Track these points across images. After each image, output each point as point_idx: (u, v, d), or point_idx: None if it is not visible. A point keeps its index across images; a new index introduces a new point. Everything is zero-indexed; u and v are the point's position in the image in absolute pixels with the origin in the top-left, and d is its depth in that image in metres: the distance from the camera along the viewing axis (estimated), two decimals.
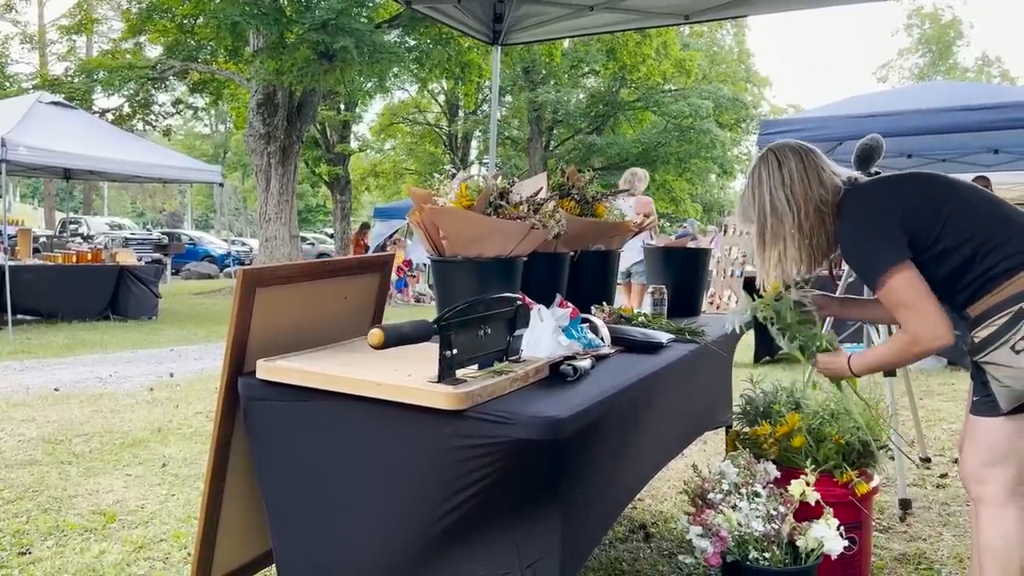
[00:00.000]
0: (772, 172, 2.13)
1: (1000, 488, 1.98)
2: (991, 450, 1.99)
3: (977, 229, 1.96)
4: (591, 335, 2.27)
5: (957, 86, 12.42)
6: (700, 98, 26.08)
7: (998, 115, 6.49)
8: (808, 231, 2.09)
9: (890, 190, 2.10)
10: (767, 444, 2.60)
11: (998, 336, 1.91)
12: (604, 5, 3.98)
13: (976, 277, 1.95)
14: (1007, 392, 1.91)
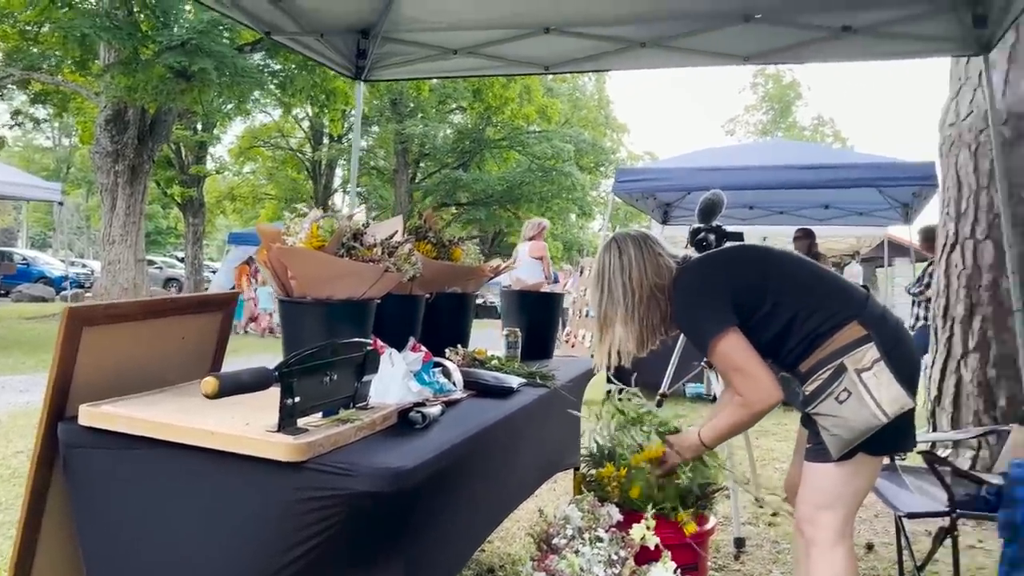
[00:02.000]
0: (612, 260, 2.27)
1: (831, 530, 2.11)
2: (824, 494, 2.13)
3: (796, 294, 2.15)
4: (443, 380, 2.27)
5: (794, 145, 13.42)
6: (562, 141, 26.89)
7: (829, 175, 7.04)
8: (643, 314, 2.25)
9: (715, 266, 2.29)
10: (611, 487, 2.66)
11: (823, 389, 2.06)
12: (467, 50, 4.05)
13: (803, 337, 2.12)
14: (835, 440, 2.05)
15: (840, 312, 2.10)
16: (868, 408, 1.98)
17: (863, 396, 1.99)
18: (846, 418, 2.00)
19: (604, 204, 28.35)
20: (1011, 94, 4.04)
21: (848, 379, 2.02)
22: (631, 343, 2.28)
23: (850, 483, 2.11)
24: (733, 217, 8.79)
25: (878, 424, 1.98)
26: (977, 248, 4.15)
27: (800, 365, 2.15)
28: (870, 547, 3.51)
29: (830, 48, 3.75)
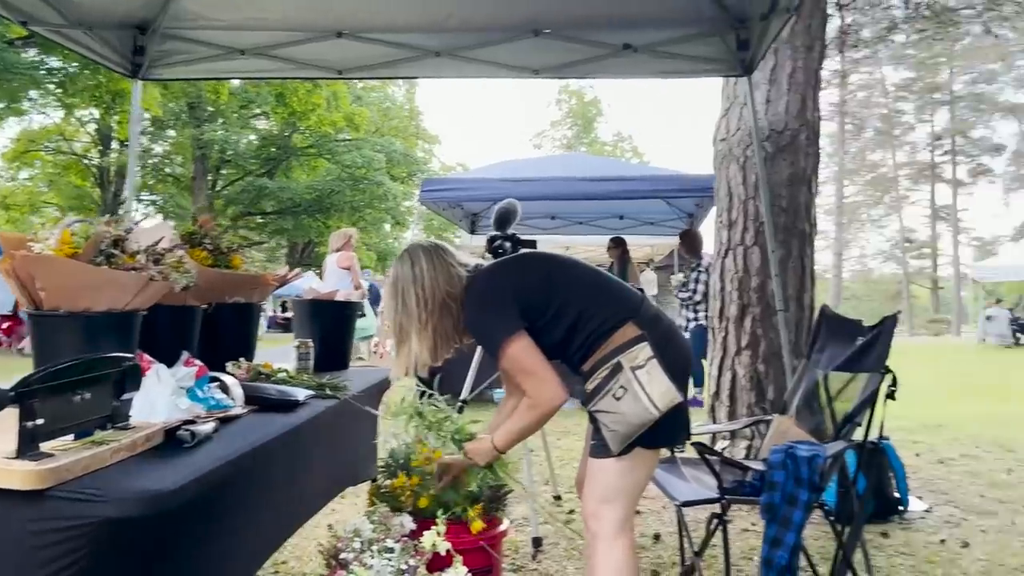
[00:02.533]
0: (405, 271, 2.29)
1: (613, 523, 2.21)
2: (605, 488, 2.22)
3: (579, 297, 2.25)
4: (220, 395, 2.14)
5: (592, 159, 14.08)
6: (373, 150, 26.59)
7: (620, 187, 7.46)
8: (436, 323, 2.27)
9: (502, 273, 2.36)
10: (404, 497, 2.63)
11: (602, 387, 2.15)
12: (256, 51, 3.89)
13: (586, 338, 2.22)
14: (614, 435, 2.14)
15: (618, 314, 2.22)
16: (642, 403, 2.09)
17: (637, 392, 2.10)
18: (623, 413, 2.10)
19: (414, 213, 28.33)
20: (771, 113, 4.45)
21: (624, 377, 2.12)
22: (425, 352, 2.30)
23: (629, 476, 2.21)
24: (536, 227, 9.08)
25: (651, 418, 2.09)
26: (746, 253, 4.52)
27: (583, 365, 2.24)
28: (657, 537, 3.70)
29: (613, 65, 3.95)
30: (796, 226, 4.48)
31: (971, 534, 3.69)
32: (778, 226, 4.35)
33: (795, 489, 2.49)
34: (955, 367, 15.23)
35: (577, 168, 8.40)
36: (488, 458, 2.38)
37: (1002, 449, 5.90)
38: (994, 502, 4.29)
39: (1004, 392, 10.20)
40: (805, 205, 4.51)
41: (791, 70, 4.45)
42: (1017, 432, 6.70)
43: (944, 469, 5.18)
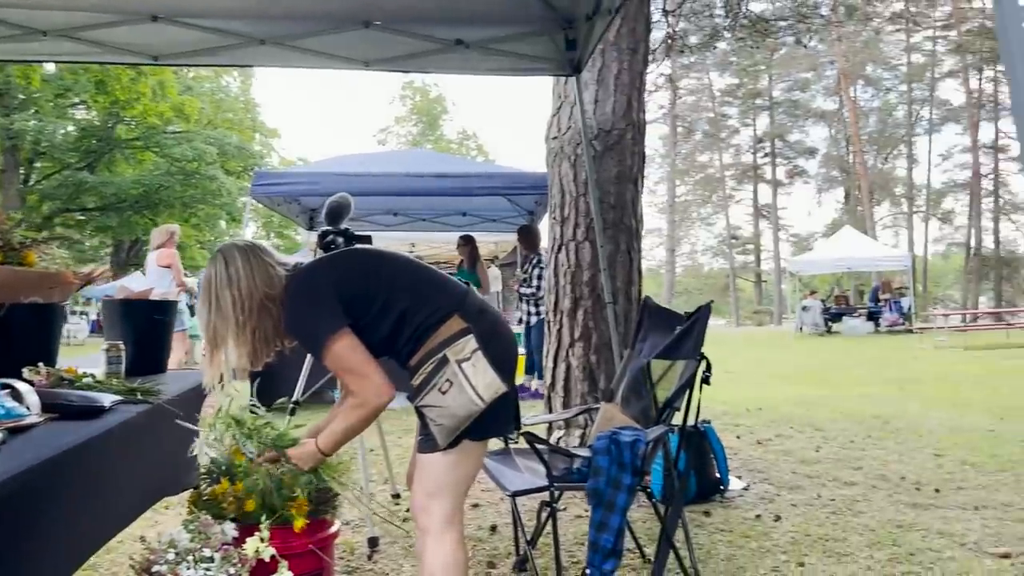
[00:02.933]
0: (220, 272, 2.18)
1: (441, 517, 2.20)
2: (433, 482, 2.21)
3: (404, 291, 2.24)
4: (11, 403, 1.96)
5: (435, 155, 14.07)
6: (205, 143, 25.34)
7: (461, 183, 7.50)
8: (255, 326, 2.20)
9: (323, 270, 2.29)
10: (227, 503, 2.52)
11: (428, 381, 2.15)
12: (59, 32, 3.59)
13: (412, 332, 2.21)
14: (441, 429, 2.14)
15: (443, 307, 2.22)
16: (467, 395, 2.10)
17: (463, 384, 2.11)
18: (449, 407, 2.11)
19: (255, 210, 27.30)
20: (599, 112, 4.61)
21: (450, 370, 2.13)
22: (244, 357, 2.23)
23: (457, 470, 2.22)
24: (377, 223, 8.98)
25: (477, 410, 2.11)
26: (578, 248, 4.65)
27: (411, 360, 2.23)
28: (494, 529, 3.74)
29: (445, 60, 3.96)
30: (624, 222, 4.66)
31: (783, 508, 3.98)
32: (607, 222, 4.51)
33: (619, 473, 2.58)
34: (775, 354, 16.41)
35: (419, 164, 8.38)
36: (313, 462, 2.33)
37: (812, 428, 6.40)
38: (803, 478, 4.64)
39: (816, 376, 11.07)
40: (632, 202, 4.70)
41: (617, 71, 4.62)
42: (826, 412, 7.30)
43: (761, 449, 5.56)
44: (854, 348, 17.07)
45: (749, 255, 50.35)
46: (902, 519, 3.72)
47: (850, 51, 40.40)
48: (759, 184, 47.94)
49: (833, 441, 5.80)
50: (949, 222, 45.07)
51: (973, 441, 5.62)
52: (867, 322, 22.70)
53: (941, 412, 7.12)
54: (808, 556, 3.25)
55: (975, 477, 4.54)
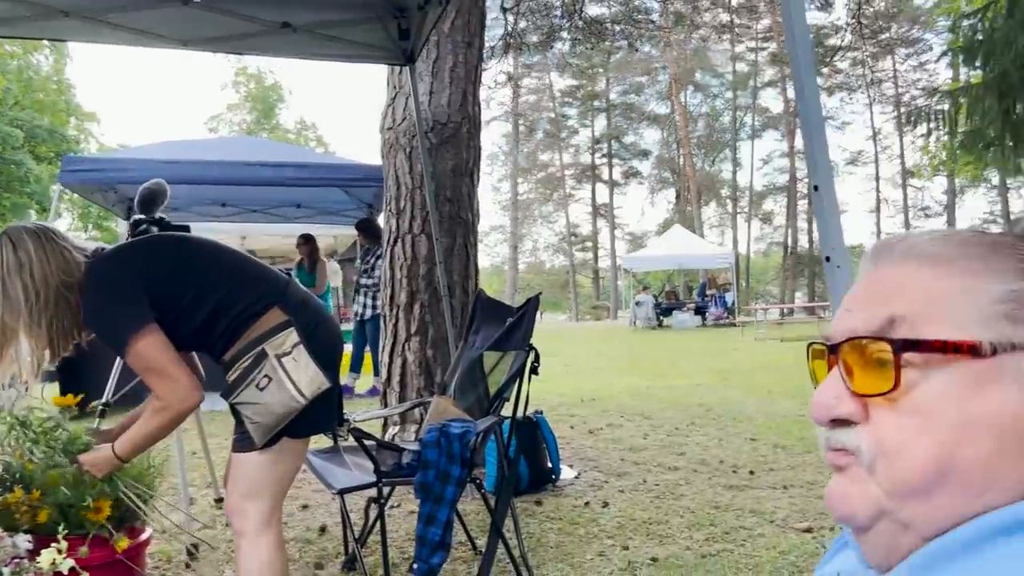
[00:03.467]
0: (7, 257, 1.97)
1: (258, 519, 2.10)
2: (250, 483, 2.10)
3: (219, 281, 2.11)
4: None
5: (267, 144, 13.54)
6: (10, 125, 23.20)
7: (298, 174, 7.24)
8: (51, 317, 2.00)
9: (127, 257, 2.13)
10: (20, 514, 2.29)
11: (244, 377, 2.03)
12: None
13: (227, 326, 2.08)
14: (258, 427, 2.04)
15: (262, 299, 2.11)
16: (288, 391, 2.01)
17: (283, 380, 2.01)
18: (267, 403, 2.01)
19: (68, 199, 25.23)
20: (435, 104, 4.57)
21: (269, 365, 2.03)
22: (41, 352, 2.03)
23: (275, 469, 2.12)
24: (205, 214, 8.53)
25: (298, 407, 2.02)
26: (415, 242, 4.60)
27: (224, 355, 2.10)
28: (323, 529, 3.63)
29: (271, 43, 3.79)
30: (460, 216, 4.66)
31: (611, 495, 4.11)
32: (443, 215, 4.49)
33: (448, 466, 2.57)
34: (611, 347, 17.03)
35: (251, 152, 8.01)
36: (108, 468, 2.14)
37: (641, 417, 6.68)
38: (631, 464, 4.82)
39: (647, 368, 11.58)
40: (468, 196, 4.70)
41: (452, 64, 4.60)
42: (655, 402, 7.64)
43: (593, 438, 5.73)
44: (683, 341, 18.00)
45: (588, 252, 52.03)
46: (719, 500, 3.94)
47: (680, 58, 42.63)
48: (597, 184, 49.62)
49: (660, 429, 6.07)
50: (769, 222, 48.62)
51: (784, 425, 6.05)
52: (695, 316, 24.00)
53: (757, 399, 7.63)
54: (632, 539, 3.37)
55: (785, 459, 4.88)
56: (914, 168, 40.99)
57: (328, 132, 64.40)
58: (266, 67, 40.54)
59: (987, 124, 10.41)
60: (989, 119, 10.19)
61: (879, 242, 0.70)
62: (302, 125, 42.99)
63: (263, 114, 40.96)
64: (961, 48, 10.87)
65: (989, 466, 0.58)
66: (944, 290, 0.62)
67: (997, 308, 0.60)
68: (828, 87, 42.05)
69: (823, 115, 1.43)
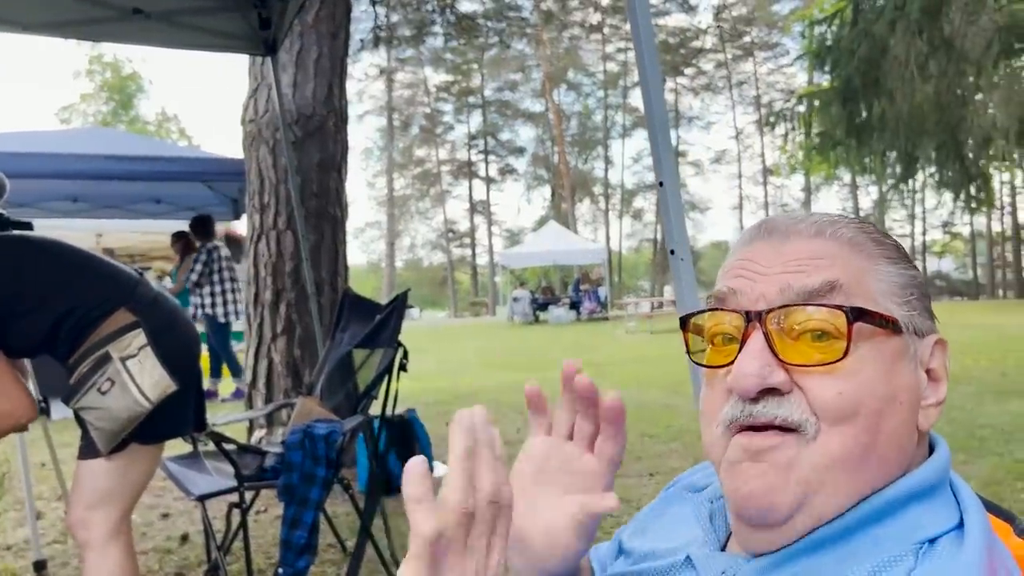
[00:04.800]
0: None
1: (105, 529, 1.99)
2: (94, 492, 2.00)
3: (62, 283, 1.99)
4: None
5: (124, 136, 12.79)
6: None
7: (156, 167, 6.90)
8: None
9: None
10: None
11: (86, 380, 1.93)
12: None
13: (71, 328, 1.96)
14: (101, 433, 1.94)
15: (109, 299, 2.00)
16: (131, 395, 1.91)
17: (127, 383, 1.92)
18: (110, 408, 1.91)
19: None
20: (299, 97, 4.45)
21: (112, 368, 1.92)
22: None
23: (125, 477, 2.02)
24: (54, 210, 8.00)
25: (143, 411, 1.93)
26: (280, 238, 4.47)
27: (69, 358, 1.98)
28: (185, 538, 3.49)
29: (122, 30, 3.57)
30: (328, 211, 4.56)
31: None
32: (309, 211, 4.38)
33: (313, 467, 2.51)
34: (489, 343, 17.14)
35: (106, 145, 7.55)
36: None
37: (515, 412, 6.75)
38: (507, 459, 4.85)
39: (524, 363, 11.73)
40: (336, 190, 4.61)
41: (317, 55, 4.49)
42: None
43: None
44: (559, 335, 18.33)
45: (466, 248, 52.15)
46: None
47: (553, 56, 43.36)
48: (474, 180, 49.80)
49: None
50: (640, 219, 50.17)
51: (652, 415, 6.26)
52: (570, 311, 24.49)
53: (628, 390, 7.85)
54: None
55: (652, 447, 5.05)
56: (773, 167, 43.27)
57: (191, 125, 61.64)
58: (124, 55, 38.38)
59: (835, 126, 11.15)
60: (836, 122, 10.92)
61: (776, 219, 0.68)
62: (163, 117, 40.92)
63: (120, 105, 38.70)
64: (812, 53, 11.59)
65: (899, 441, 0.61)
66: (864, 268, 0.63)
67: (905, 291, 0.63)
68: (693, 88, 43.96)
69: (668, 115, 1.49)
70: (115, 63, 38.23)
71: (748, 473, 0.60)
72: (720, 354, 0.65)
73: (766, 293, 0.62)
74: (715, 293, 0.68)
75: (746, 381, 0.60)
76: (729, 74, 43.79)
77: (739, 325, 0.63)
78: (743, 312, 0.62)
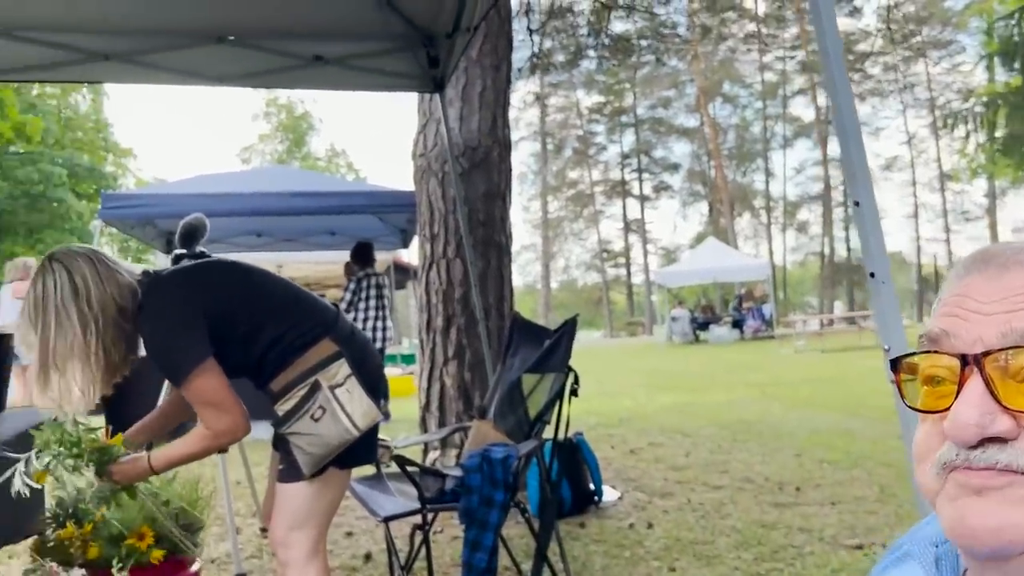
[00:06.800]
0: (61, 283, 1.90)
1: (304, 550, 2.11)
2: (296, 513, 2.11)
3: (273, 311, 2.11)
4: None
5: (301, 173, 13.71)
6: (52, 164, 23.82)
7: (332, 202, 7.34)
8: (109, 344, 1.95)
9: (189, 284, 2.11)
10: (75, 548, 2.33)
11: (299, 407, 2.03)
12: None
13: (278, 355, 2.08)
14: (310, 458, 2.04)
15: (313, 329, 2.11)
16: (342, 424, 2.01)
17: (337, 412, 2.01)
18: (322, 435, 2.01)
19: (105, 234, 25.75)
20: (465, 130, 4.61)
21: (323, 396, 2.02)
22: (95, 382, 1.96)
23: (321, 499, 2.13)
24: (241, 245, 8.66)
25: (351, 438, 2.02)
26: (449, 266, 4.63)
27: (271, 384, 2.10)
28: (368, 557, 3.64)
29: (305, 76, 3.86)
30: (494, 238, 4.68)
31: (655, 515, 4.07)
32: (476, 239, 4.50)
33: (491, 491, 2.56)
34: (647, 364, 16.91)
35: (284, 182, 8.12)
36: (137, 478, 2.10)
37: (682, 435, 6.61)
38: (674, 484, 4.77)
39: (686, 384, 11.47)
40: (501, 218, 4.72)
41: (481, 89, 4.64)
42: (694, 419, 7.55)
43: (634, 458, 5.68)
44: (721, 355, 17.82)
45: (621, 268, 51.84)
46: (766, 519, 3.88)
47: (708, 70, 42.53)
48: (627, 199, 49.52)
49: (702, 446, 6.00)
50: (805, 232, 48.06)
51: (830, 439, 5.95)
52: (732, 330, 23.74)
53: (801, 413, 7.52)
54: (679, 560, 3.32)
55: (832, 474, 4.79)
56: (952, 172, 40.36)
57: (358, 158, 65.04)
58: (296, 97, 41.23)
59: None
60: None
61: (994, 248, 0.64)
62: (332, 152, 43.55)
63: (294, 143, 41.57)
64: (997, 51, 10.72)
65: None
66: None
67: None
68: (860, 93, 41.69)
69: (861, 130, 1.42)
70: (289, 104, 41.13)
71: (972, 508, 0.56)
72: (936, 397, 0.61)
73: (984, 335, 0.58)
74: (928, 333, 0.63)
75: (965, 432, 0.56)
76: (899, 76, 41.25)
77: (955, 368, 0.58)
78: (959, 355, 0.58)
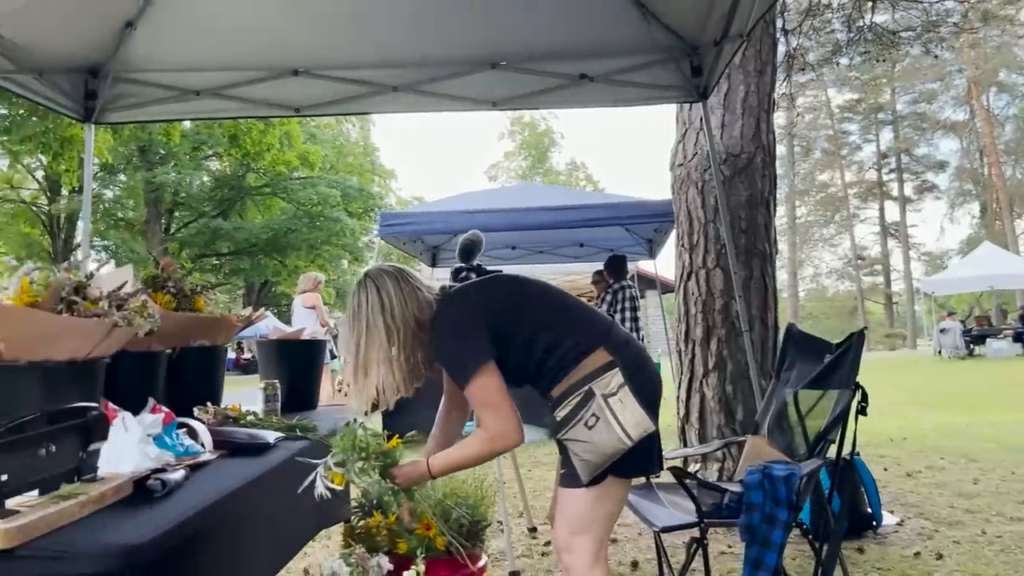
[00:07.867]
0: (370, 297, 2.18)
1: (587, 555, 2.17)
2: (578, 519, 2.18)
3: (550, 321, 2.21)
4: (189, 441, 2.08)
5: (550, 188, 14.14)
6: (328, 187, 26.52)
7: (580, 215, 7.52)
8: (408, 353, 2.18)
9: (473, 297, 2.28)
10: (380, 536, 2.58)
11: (574, 415, 2.11)
12: (211, 92, 3.86)
13: (555, 363, 2.17)
14: (585, 464, 2.11)
15: (588, 339, 2.18)
16: (615, 432, 2.05)
17: (610, 421, 2.06)
18: (595, 443, 2.06)
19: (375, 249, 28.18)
20: (727, 137, 4.53)
21: (596, 404, 2.08)
22: (398, 384, 2.20)
23: (601, 506, 2.17)
24: (498, 257, 9.10)
25: (624, 448, 2.06)
26: (709, 276, 4.56)
27: (552, 391, 2.20)
28: (635, 565, 3.67)
29: (570, 95, 3.99)
30: (757, 247, 4.55)
31: (944, 546, 3.73)
32: (739, 247, 4.41)
33: (773, 509, 2.49)
34: (913, 380, 15.51)
35: (534, 198, 8.46)
36: (417, 481, 2.25)
37: (966, 459, 6.00)
38: (963, 512, 4.34)
39: (962, 403, 10.39)
40: (764, 226, 4.58)
41: (744, 94, 4.54)
42: (978, 442, 6.81)
43: (912, 482, 5.24)
44: (1002, 371, 15.92)
45: (877, 276, 48.05)
46: None
47: (980, 58, 38.28)
48: (885, 201, 45.83)
49: (992, 472, 5.41)
50: None
51: None
52: (1013, 344, 21.14)
53: None
54: None
55: None
56: None
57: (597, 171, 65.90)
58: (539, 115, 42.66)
59: None
60: None
61: None
62: (572, 166, 44.52)
63: (536, 159, 43.03)
64: None
65: None
66: None
67: None
68: None
69: None
70: (531, 122, 42.65)
71: None
72: None
73: None
74: None
75: None
76: None
77: None
78: None
